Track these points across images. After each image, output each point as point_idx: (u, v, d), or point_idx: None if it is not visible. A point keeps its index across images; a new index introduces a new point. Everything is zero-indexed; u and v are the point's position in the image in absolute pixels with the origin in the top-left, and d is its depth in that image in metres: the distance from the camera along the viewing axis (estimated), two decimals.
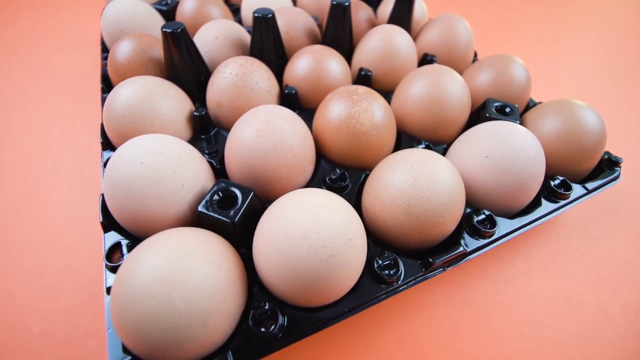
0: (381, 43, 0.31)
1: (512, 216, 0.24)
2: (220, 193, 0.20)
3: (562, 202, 0.25)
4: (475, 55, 0.38)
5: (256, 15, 0.28)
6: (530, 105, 0.32)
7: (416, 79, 0.28)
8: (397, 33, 0.31)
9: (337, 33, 0.33)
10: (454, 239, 0.22)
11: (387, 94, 0.30)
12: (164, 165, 0.19)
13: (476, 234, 0.22)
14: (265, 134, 0.21)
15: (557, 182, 0.25)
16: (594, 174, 0.27)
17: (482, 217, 0.22)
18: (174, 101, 0.25)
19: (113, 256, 0.20)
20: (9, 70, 0.41)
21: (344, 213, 0.17)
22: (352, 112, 0.24)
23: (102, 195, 0.21)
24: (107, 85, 0.32)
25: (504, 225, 0.23)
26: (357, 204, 0.23)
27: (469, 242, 0.22)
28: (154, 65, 0.29)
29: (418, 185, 0.19)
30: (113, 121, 0.24)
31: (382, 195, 0.21)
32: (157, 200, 0.19)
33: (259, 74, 0.27)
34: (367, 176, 0.24)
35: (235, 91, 0.26)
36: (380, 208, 0.21)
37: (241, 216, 0.19)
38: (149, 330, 0.15)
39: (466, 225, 0.22)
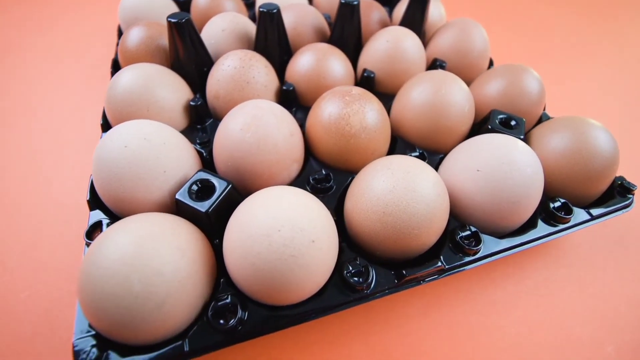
0: (387, 45, 0.30)
1: (502, 235, 0.22)
2: (199, 183, 0.20)
3: (561, 227, 0.23)
4: (492, 63, 0.36)
5: (261, 9, 0.29)
6: (543, 121, 0.30)
7: (417, 83, 0.27)
8: (405, 36, 0.31)
9: (345, 32, 0.33)
10: (433, 253, 0.21)
11: (390, 97, 0.30)
12: (148, 150, 0.20)
13: (459, 250, 0.21)
14: (250, 128, 0.21)
15: (557, 204, 0.23)
16: (602, 200, 0.25)
17: (466, 233, 0.21)
18: (172, 90, 0.26)
19: (94, 234, 0.21)
20: (31, 52, 0.44)
21: (312, 214, 0.17)
22: (342, 113, 0.23)
23: (92, 175, 0.22)
24: (117, 70, 0.33)
25: (490, 244, 0.22)
26: (341, 207, 0.23)
27: (450, 258, 0.21)
28: (161, 53, 0.30)
29: (395, 193, 0.19)
30: (112, 104, 0.25)
31: (361, 200, 0.20)
32: (138, 184, 0.20)
33: (257, 68, 0.27)
34: (353, 179, 0.24)
35: (232, 84, 0.27)
36: (357, 213, 0.20)
37: (216, 207, 0.19)
38: (107, 308, 0.15)
39: (449, 240, 0.21)
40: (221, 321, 0.18)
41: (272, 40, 0.30)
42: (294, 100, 0.30)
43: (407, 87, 0.28)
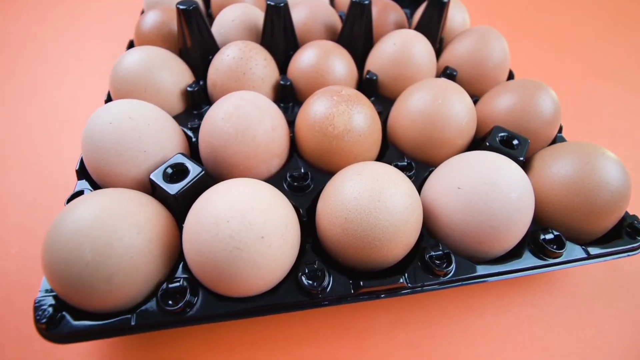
0: (394, 48, 0.30)
1: (483, 261, 0.21)
2: (174, 166, 0.21)
3: (550, 261, 0.21)
4: (511, 77, 0.34)
5: (268, 3, 0.29)
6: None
7: (416, 90, 0.26)
8: (414, 40, 0.30)
9: (354, 32, 0.32)
10: (399, 269, 0.20)
11: (394, 102, 0.29)
12: (130, 129, 0.21)
13: (427, 270, 0.20)
14: (230, 118, 0.22)
15: (549, 236, 0.22)
16: (607, 238, 0.23)
17: (438, 253, 0.20)
18: (172, 74, 0.27)
19: None
20: (65, 30, 0.47)
21: (267, 210, 0.17)
22: (327, 112, 0.23)
23: None
24: None
25: (464, 268, 0.20)
26: (315, 208, 0.23)
27: (416, 277, 0.20)
28: (172, 39, 0.31)
29: (359, 200, 0.18)
30: (114, 83, 0.26)
31: (327, 203, 0.20)
32: (118, 160, 0.21)
33: (256, 60, 0.28)
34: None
35: (229, 73, 0.27)
36: (323, 216, 0.20)
37: (185, 192, 0.20)
38: (61, 272, 0.16)
39: (418, 257, 0.21)
40: (170, 302, 0.18)
41: (278, 34, 0.31)
42: (291, 96, 0.30)
43: (405, 93, 0.27)
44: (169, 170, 0.21)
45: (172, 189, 0.20)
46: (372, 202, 0.18)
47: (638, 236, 0.22)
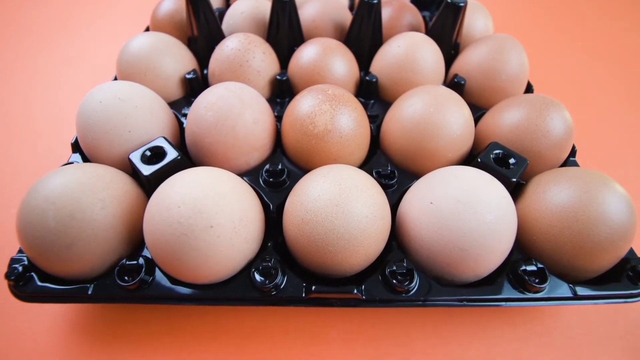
0: (398, 50, 0.29)
1: (451, 284, 0.20)
2: (154, 149, 0.22)
3: (529, 295, 0.20)
4: (530, 90, 0.32)
5: None
6: None
7: (411, 96, 0.25)
8: (421, 43, 0.28)
9: (361, 32, 0.31)
10: (359, 279, 0.20)
11: None
12: (118, 109, 0.22)
13: (387, 284, 0.19)
14: (212, 108, 0.22)
15: (531, 267, 0.20)
16: (604, 279, 0.20)
17: (401, 268, 0.19)
18: (174, 61, 0.29)
19: None
20: (87, 10, 0.51)
21: (222, 200, 0.17)
22: (310, 111, 0.23)
23: None
24: None
25: (428, 287, 0.19)
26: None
27: (374, 290, 0.19)
28: (183, 27, 0.33)
29: (317, 203, 0.18)
30: (118, 65, 0.28)
31: (291, 202, 0.20)
32: (103, 137, 0.22)
33: (254, 53, 0.28)
34: None
35: (227, 64, 0.28)
36: (285, 214, 0.20)
37: (157, 174, 0.21)
38: (28, 235, 0.18)
39: (380, 270, 0.20)
40: (126, 278, 0.19)
41: (283, 29, 0.31)
42: (288, 92, 0.30)
43: (400, 98, 0.26)
44: (148, 153, 0.22)
45: (146, 170, 0.21)
46: (329, 207, 0.18)
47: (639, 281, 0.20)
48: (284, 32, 0.31)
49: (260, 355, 0.21)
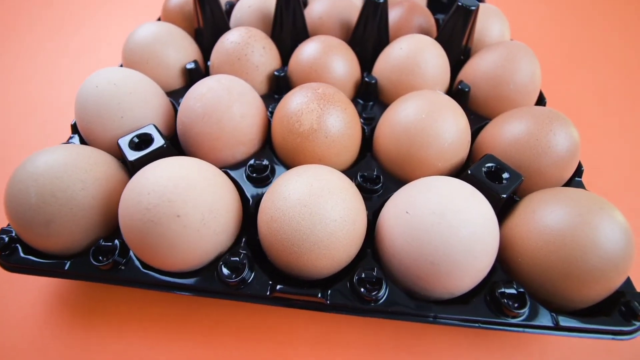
0: (400, 53, 0.28)
1: (423, 299, 0.19)
2: (142, 135, 0.23)
3: (504, 320, 0.18)
4: (542, 102, 0.30)
5: None
6: None
7: (405, 100, 0.24)
8: (424, 46, 0.28)
9: (366, 32, 0.31)
10: (326, 284, 0.20)
11: None
12: (112, 94, 0.23)
13: (354, 292, 0.19)
14: (201, 99, 0.23)
15: (510, 290, 0.19)
16: (594, 310, 0.19)
17: (371, 276, 0.19)
18: (177, 51, 0.29)
19: None
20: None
21: (192, 191, 0.18)
22: (297, 109, 0.23)
23: None
24: None
25: (395, 300, 0.19)
26: None
27: (339, 296, 0.19)
28: (191, 18, 0.34)
29: (286, 202, 0.18)
30: (123, 52, 0.29)
31: (265, 199, 0.20)
32: (96, 121, 0.23)
33: (253, 47, 0.28)
34: None
35: (226, 57, 0.28)
36: (260, 209, 0.20)
37: (141, 160, 0.21)
38: (11, 209, 0.19)
39: (349, 278, 0.19)
40: (100, 258, 0.20)
41: (287, 25, 0.31)
42: (285, 88, 0.30)
43: (396, 102, 0.25)
44: (136, 139, 0.23)
45: (131, 155, 0.22)
46: (297, 207, 0.18)
47: (634, 319, 0.18)
48: (287, 28, 0.31)
49: (228, 348, 0.21)
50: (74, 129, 0.26)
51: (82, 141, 0.26)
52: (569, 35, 0.47)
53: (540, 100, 0.30)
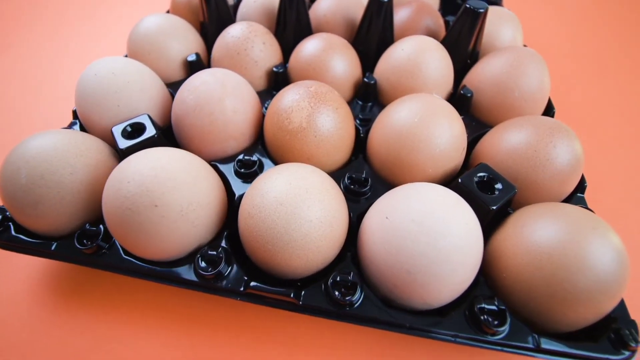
0: (401, 54, 0.27)
1: (400, 308, 0.19)
2: (135, 125, 0.23)
3: (482, 337, 0.18)
4: (550, 111, 0.29)
5: None
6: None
7: (399, 103, 0.24)
8: (427, 48, 0.27)
9: (370, 32, 0.31)
10: (302, 284, 0.19)
11: None
12: (110, 83, 0.24)
13: (328, 295, 0.19)
14: (194, 91, 0.23)
15: (490, 306, 0.18)
16: (583, 335, 0.18)
17: (345, 282, 0.19)
18: (179, 43, 0.30)
19: None
20: None
21: (171, 182, 0.18)
22: (287, 106, 0.23)
23: None
24: None
25: (368, 307, 0.18)
26: None
27: (312, 298, 0.19)
28: (198, 11, 0.34)
29: (263, 199, 0.18)
30: (128, 43, 0.30)
31: (246, 194, 0.20)
32: (94, 109, 0.24)
33: (253, 42, 0.28)
34: None
35: (226, 51, 0.29)
36: (240, 205, 0.20)
37: (131, 149, 0.22)
38: (4, 189, 0.20)
39: (325, 280, 0.19)
40: (85, 241, 0.20)
41: (290, 22, 0.31)
42: (283, 84, 0.30)
43: (391, 104, 0.25)
44: (129, 128, 0.23)
45: (123, 143, 0.22)
46: (273, 205, 0.17)
47: (623, 349, 0.17)
48: (291, 24, 0.31)
49: (203, 340, 0.22)
50: (75, 114, 0.27)
51: (82, 127, 0.27)
52: (589, 44, 0.45)
53: (549, 110, 0.29)
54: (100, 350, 0.21)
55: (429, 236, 0.17)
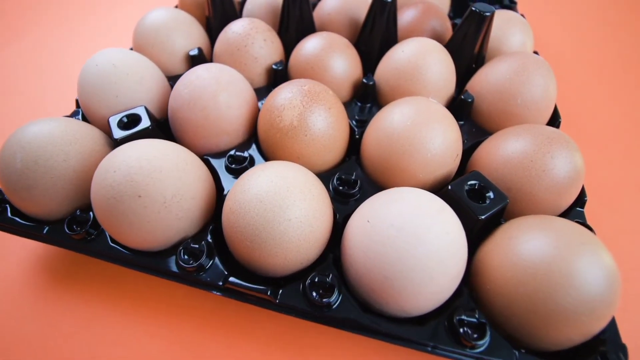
0: (402, 56, 0.27)
1: (377, 312, 0.19)
2: (130, 116, 0.24)
3: (459, 350, 0.17)
4: (555, 121, 0.28)
5: None
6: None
7: (394, 106, 0.23)
8: (428, 51, 0.26)
9: (373, 32, 0.30)
10: (279, 283, 0.19)
11: None
12: (109, 74, 0.24)
13: (305, 295, 0.19)
14: (189, 86, 0.24)
15: (471, 319, 0.18)
16: (568, 355, 0.17)
17: (323, 283, 0.19)
18: (182, 37, 0.30)
19: None
20: None
21: (156, 174, 0.18)
22: (280, 104, 0.23)
23: None
24: None
25: (345, 310, 0.18)
26: None
27: (289, 297, 0.19)
28: (204, 6, 0.35)
29: (244, 195, 0.18)
30: (134, 35, 0.31)
31: (230, 190, 0.20)
32: (93, 98, 0.25)
33: (253, 39, 0.28)
34: None
35: (227, 46, 0.29)
36: (225, 200, 0.20)
37: (125, 139, 0.23)
38: (1, 173, 0.20)
39: (304, 279, 0.19)
40: (74, 227, 0.21)
41: (293, 20, 0.31)
42: (282, 82, 0.30)
43: (386, 106, 0.24)
44: (125, 119, 0.24)
45: (117, 134, 0.23)
46: (253, 201, 0.18)
47: None
48: (294, 22, 0.31)
49: (183, 331, 0.22)
50: (78, 104, 0.28)
51: (84, 116, 0.28)
52: (606, 55, 0.43)
53: (554, 120, 0.28)
54: (86, 332, 0.22)
55: (407, 242, 0.16)
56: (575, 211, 0.23)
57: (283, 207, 0.17)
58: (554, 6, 0.51)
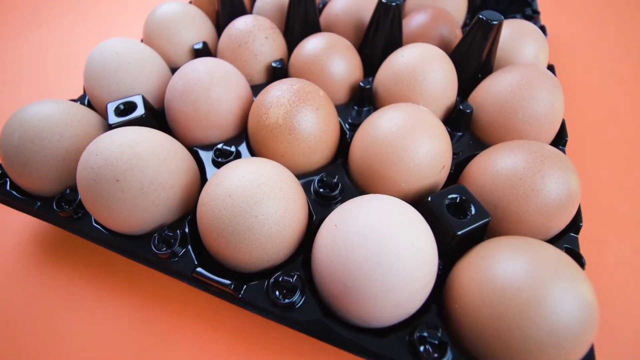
0: (401, 60, 0.27)
1: (339, 319, 0.18)
2: (127, 103, 0.25)
3: None
4: (561, 140, 0.26)
5: None
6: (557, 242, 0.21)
7: (384, 111, 0.23)
8: (428, 57, 0.26)
9: (377, 35, 0.30)
10: (244, 279, 0.20)
11: None
12: (112, 62, 0.26)
13: (267, 294, 0.19)
14: (183, 77, 0.24)
15: (429, 336, 0.17)
16: None
17: (286, 283, 0.19)
18: (190, 31, 0.31)
19: None
20: None
21: (135, 160, 0.19)
22: (268, 101, 0.23)
23: None
24: None
25: (307, 310, 0.18)
26: None
27: (253, 294, 0.19)
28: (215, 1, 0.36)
29: (217, 189, 0.18)
30: (144, 27, 0.32)
31: (208, 181, 0.20)
32: (96, 85, 0.26)
33: (255, 36, 0.29)
34: None
35: (229, 42, 0.30)
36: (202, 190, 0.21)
37: (118, 125, 0.24)
38: (1, 148, 0.22)
39: (268, 278, 0.19)
40: (63, 205, 0.22)
41: (298, 20, 0.31)
42: (278, 79, 0.30)
43: (375, 112, 0.24)
44: (121, 106, 0.25)
45: (112, 119, 0.24)
46: (222, 196, 0.18)
47: None
48: (298, 21, 0.31)
49: (153, 317, 0.23)
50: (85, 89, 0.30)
51: (90, 101, 0.29)
52: (634, 76, 0.40)
53: (559, 138, 0.26)
54: (69, 307, 0.23)
55: (370, 251, 0.16)
56: (568, 237, 0.21)
57: (251, 203, 0.18)
58: (583, 18, 0.48)
